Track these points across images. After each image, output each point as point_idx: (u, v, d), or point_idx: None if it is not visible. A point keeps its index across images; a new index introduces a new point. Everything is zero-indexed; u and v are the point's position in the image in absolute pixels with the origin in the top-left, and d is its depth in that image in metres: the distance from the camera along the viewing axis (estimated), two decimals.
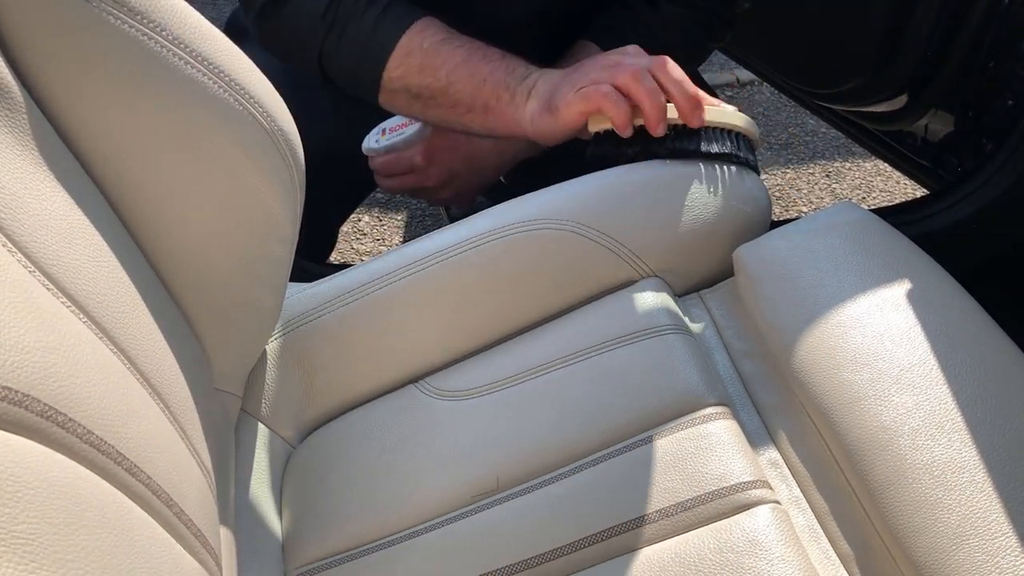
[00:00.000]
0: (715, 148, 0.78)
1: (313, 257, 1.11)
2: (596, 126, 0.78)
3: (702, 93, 0.78)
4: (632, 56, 0.78)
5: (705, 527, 0.56)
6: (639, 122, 0.77)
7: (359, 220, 1.71)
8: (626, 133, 0.77)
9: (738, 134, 0.80)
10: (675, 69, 0.76)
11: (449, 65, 0.82)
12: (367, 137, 0.93)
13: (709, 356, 0.70)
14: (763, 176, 1.81)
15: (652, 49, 0.90)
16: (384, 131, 0.92)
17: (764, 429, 0.65)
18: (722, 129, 0.79)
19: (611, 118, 0.76)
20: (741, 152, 0.79)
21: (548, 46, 0.84)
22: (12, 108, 0.45)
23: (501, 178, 1.08)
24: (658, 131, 0.76)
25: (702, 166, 0.78)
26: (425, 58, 0.82)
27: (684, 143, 0.78)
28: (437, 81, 0.83)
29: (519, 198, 0.79)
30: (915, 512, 0.52)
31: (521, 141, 0.90)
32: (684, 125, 0.77)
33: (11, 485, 0.31)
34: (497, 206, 0.79)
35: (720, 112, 0.78)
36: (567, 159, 0.92)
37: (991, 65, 0.88)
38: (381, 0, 0.84)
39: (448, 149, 0.90)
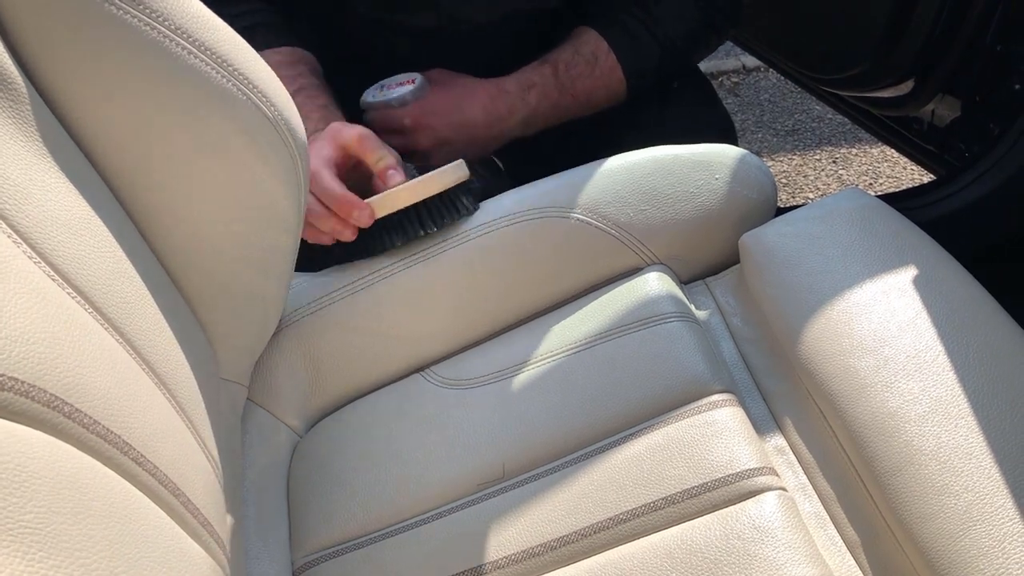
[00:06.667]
0: (398, 240, 0.74)
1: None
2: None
3: (387, 161, 0.74)
4: None
5: (711, 514, 0.56)
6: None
7: None
8: (324, 241, 0.74)
9: (442, 195, 0.75)
10: (318, 184, 0.71)
11: None
12: (367, 91, 0.92)
13: (715, 343, 0.69)
14: (769, 162, 1.80)
15: (653, 38, 0.89)
16: (383, 87, 0.90)
17: (770, 416, 0.64)
18: (421, 205, 0.74)
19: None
20: (430, 228, 0.74)
21: (520, 47, 0.80)
22: (16, 99, 0.45)
23: (494, 159, 1.07)
24: (347, 236, 0.73)
25: (707, 155, 0.78)
26: None
27: (384, 241, 0.75)
28: None
29: (523, 186, 0.78)
30: (922, 498, 0.52)
31: (513, 119, 0.89)
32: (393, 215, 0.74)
33: (18, 475, 0.31)
34: (502, 195, 0.79)
35: (394, 197, 0.73)
36: (567, 144, 0.91)
37: (998, 48, 0.87)
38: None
39: (438, 115, 0.88)
